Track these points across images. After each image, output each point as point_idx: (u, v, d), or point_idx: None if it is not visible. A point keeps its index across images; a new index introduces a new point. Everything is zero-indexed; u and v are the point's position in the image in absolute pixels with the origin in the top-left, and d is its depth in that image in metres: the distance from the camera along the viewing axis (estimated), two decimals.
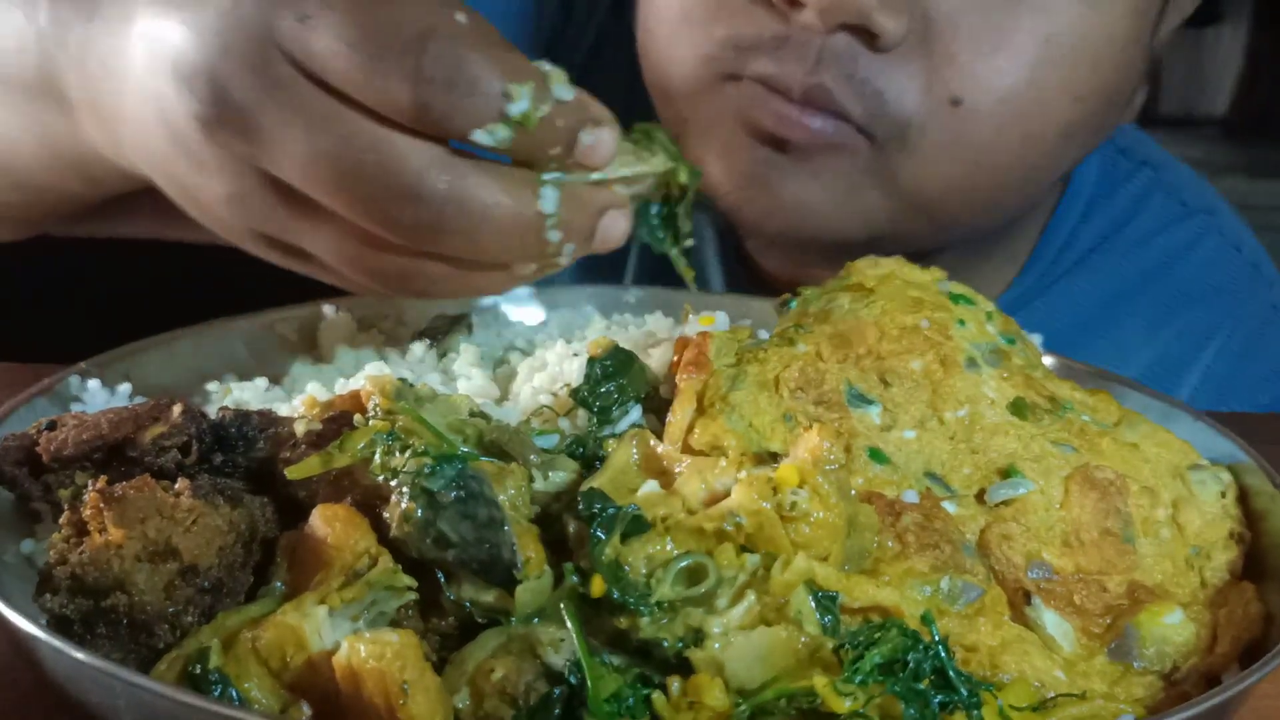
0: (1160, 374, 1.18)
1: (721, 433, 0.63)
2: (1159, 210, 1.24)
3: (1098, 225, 1.22)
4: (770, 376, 0.67)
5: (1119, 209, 1.23)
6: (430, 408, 0.61)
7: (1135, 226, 1.23)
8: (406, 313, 0.91)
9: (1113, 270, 1.22)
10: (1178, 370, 1.19)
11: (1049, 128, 0.98)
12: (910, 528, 0.61)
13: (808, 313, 0.74)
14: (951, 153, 0.96)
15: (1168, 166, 1.28)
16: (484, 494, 0.56)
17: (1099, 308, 1.21)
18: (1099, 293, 1.21)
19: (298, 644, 0.53)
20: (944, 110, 0.95)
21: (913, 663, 0.54)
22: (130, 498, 0.57)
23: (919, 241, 1.04)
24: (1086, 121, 1.00)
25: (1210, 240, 1.24)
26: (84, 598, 0.55)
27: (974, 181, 0.99)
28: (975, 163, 0.97)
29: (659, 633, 0.54)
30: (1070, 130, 0.99)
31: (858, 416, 0.66)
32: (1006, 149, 0.97)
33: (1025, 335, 0.76)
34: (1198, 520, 0.68)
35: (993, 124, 0.96)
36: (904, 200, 1.00)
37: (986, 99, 0.95)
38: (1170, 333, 1.20)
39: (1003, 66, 0.94)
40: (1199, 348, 1.20)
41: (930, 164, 0.97)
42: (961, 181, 0.99)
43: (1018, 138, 0.97)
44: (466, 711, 0.52)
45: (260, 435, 0.63)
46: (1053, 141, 0.99)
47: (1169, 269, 1.22)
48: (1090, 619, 0.63)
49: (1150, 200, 1.24)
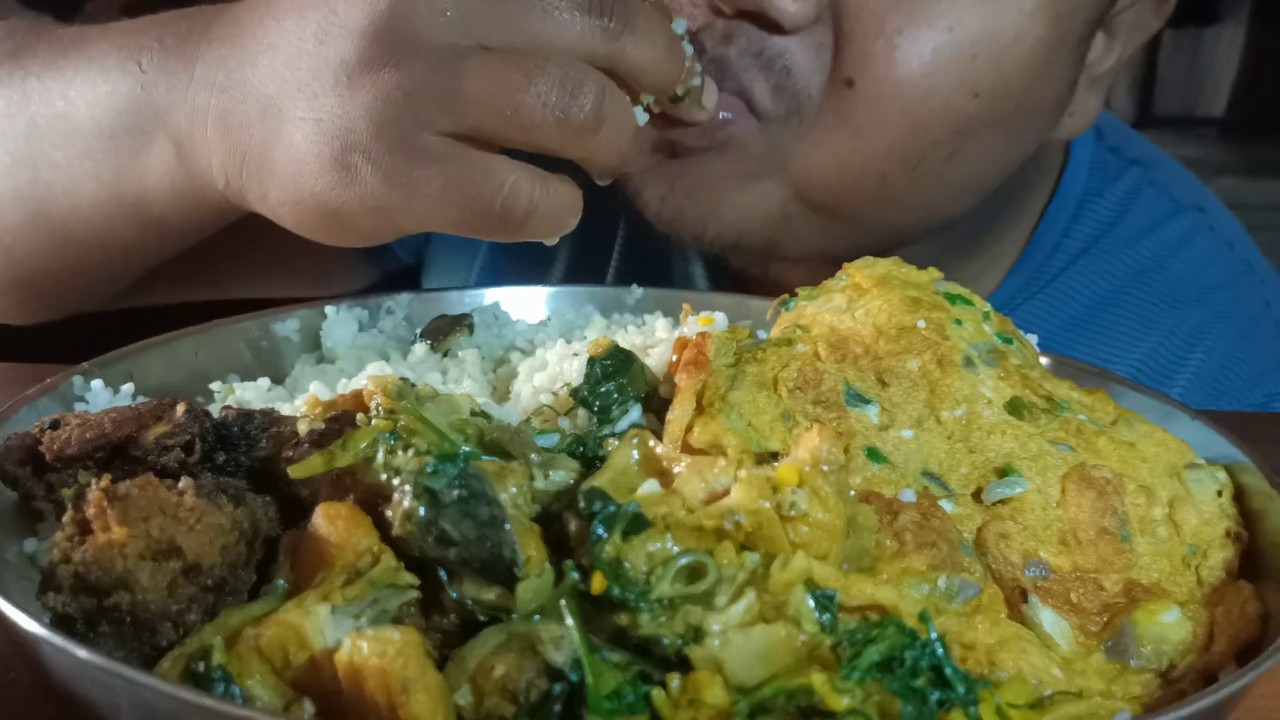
0: (1151, 373, 1.19)
1: (721, 432, 0.63)
2: (1149, 208, 1.24)
3: (1088, 225, 1.22)
4: (769, 376, 0.67)
5: (1109, 208, 1.23)
6: (432, 407, 0.61)
7: (1126, 225, 1.23)
8: (410, 312, 0.92)
9: (1104, 269, 1.21)
10: (1168, 369, 1.19)
11: (938, 119, 0.96)
12: (908, 526, 0.61)
13: (805, 313, 0.74)
14: (835, 134, 0.96)
15: (1158, 164, 1.28)
16: (485, 493, 0.56)
17: (1089, 307, 1.21)
18: (1090, 292, 1.21)
19: (300, 642, 0.53)
20: (838, 90, 0.95)
21: (910, 660, 0.54)
22: (133, 496, 0.57)
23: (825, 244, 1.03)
24: (988, 120, 0.98)
25: (1201, 238, 1.24)
26: (87, 596, 0.55)
27: (854, 166, 0.98)
28: (855, 148, 0.96)
29: (659, 630, 0.54)
30: (966, 127, 0.97)
31: (855, 416, 0.66)
32: (887, 134, 0.96)
33: (1022, 335, 0.76)
34: (1194, 519, 0.68)
35: (877, 108, 0.95)
36: (790, 189, 0.99)
37: (876, 82, 0.94)
38: (1161, 331, 1.20)
39: (898, 52, 0.93)
40: (1190, 346, 1.20)
41: (816, 146, 0.97)
42: (843, 165, 0.98)
43: (905, 124, 0.96)
44: (468, 708, 0.53)
45: (263, 434, 0.64)
46: (940, 134, 0.97)
47: (1160, 267, 1.22)
48: (1087, 617, 0.63)
49: (1140, 198, 1.24)
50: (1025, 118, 1.01)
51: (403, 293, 0.94)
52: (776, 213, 1.01)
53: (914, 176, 0.99)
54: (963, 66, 0.94)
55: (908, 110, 0.95)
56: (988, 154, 1.02)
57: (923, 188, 1.01)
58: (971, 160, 1.01)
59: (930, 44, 0.93)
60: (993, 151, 1.03)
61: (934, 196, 1.04)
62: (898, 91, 0.94)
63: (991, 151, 1.02)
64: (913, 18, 0.93)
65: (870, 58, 0.93)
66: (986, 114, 0.97)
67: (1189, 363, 1.19)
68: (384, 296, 0.93)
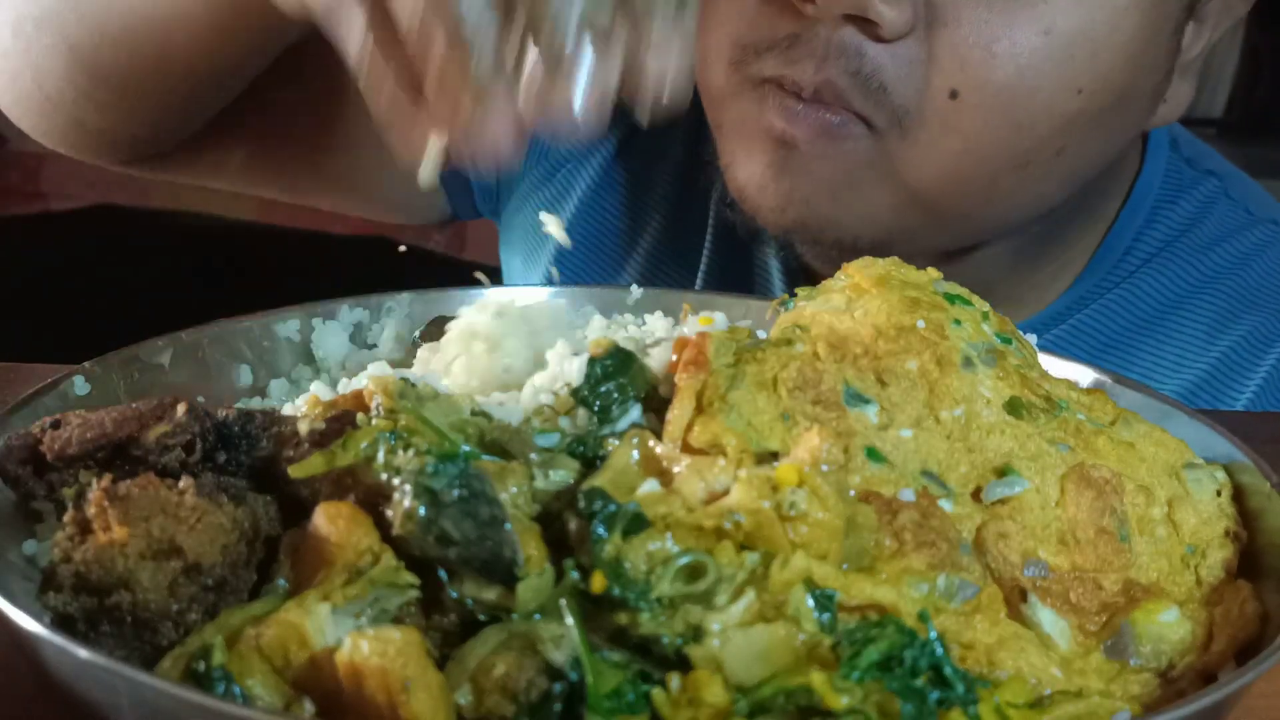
0: (1221, 378, 1.18)
1: (721, 432, 0.63)
2: (1223, 218, 1.24)
3: (1160, 231, 1.22)
4: (769, 376, 0.67)
5: (1183, 215, 1.23)
6: (432, 407, 0.61)
7: (1199, 232, 1.22)
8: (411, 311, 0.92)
9: (1175, 274, 1.21)
10: (1239, 374, 1.19)
11: (1042, 118, 0.98)
12: (907, 526, 0.61)
13: (805, 313, 0.74)
14: (943, 142, 0.97)
15: (1233, 177, 1.28)
16: (486, 492, 0.56)
17: (1160, 310, 1.21)
18: (1160, 296, 1.21)
19: (300, 641, 0.53)
20: (941, 100, 0.96)
21: (909, 660, 0.54)
22: (134, 496, 0.57)
23: (933, 241, 1.06)
24: (1092, 114, 1.00)
25: (1276, 248, 1.24)
26: (88, 596, 0.55)
27: (964, 171, 1.00)
28: (964, 151, 0.98)
29: (659, 629, 0.54)
30: (1072, 123, 0.99)
31: (855, 416, 0.66)
32: (994, 138, 0.98)
33: (1021, 335, 0.76)
34: (1193, 519, 0.68)
35: (981, 113, 0.96)
36: (904, 193, 1.01)
37: (978, 90, 0.95)
38: (1232, 337, 1.20)
39: (998, 58, 0.95)
40: (1261, 353, 1.19)
41: (925, 154, 0.98)
42: (954, 171, 0.99)
43: (1008, 126, 0.97)
44: (468, 708, 0.53)
45: (263, 434, 0.64)
46: (1047, 132, 0.99)
47: (1232, 274, 1.22)
48: (1086, 616, 0.63)
49: (1215, 207, 1.24)
50: (1127, 108, 1.03)
51: (403, 293, 0.94)
52: (890, 215, 1.03)
53: (1023, 175, 1.01)
54: (1061, 66, 0.96)
55: (1012, 114, 0.97)
56: (1093, 145, 1.05)
57: (1031, 184, 1.03)
58: (1078, 154, 1.03)
59: (1027, 48, 0.95)
60: (1098, 143, 1.05)
61: (1041, 190, 1.06)
62: (1000, 97, 0.96)
63: (1096, 143, 1.05)
64: (1007, 25, 0.94)
65: (970, 67, 0.95)
66: (1090, 108, 0.99)
67: (1260, 368, 1.19)
68: (384, 296, 0.93)
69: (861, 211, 1.02)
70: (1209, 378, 1.18)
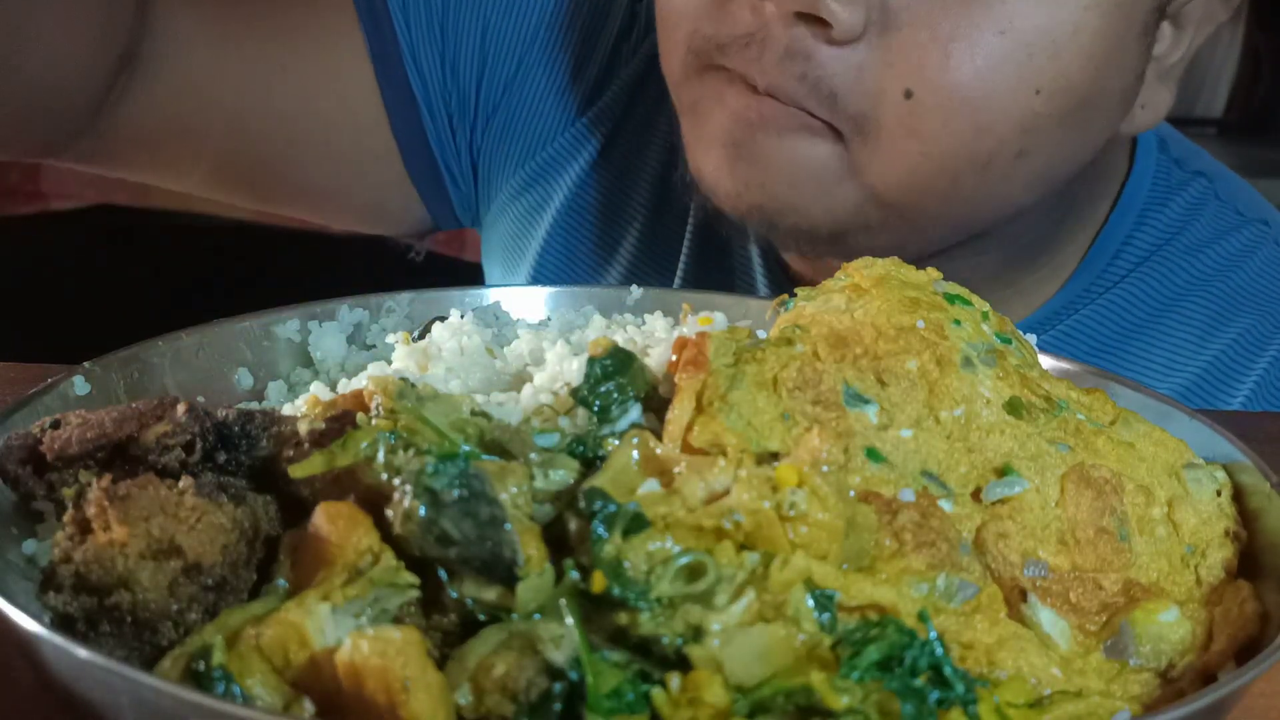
0: (1214, 381, 1.18)
1: (720, 432, 0.63)
2: (1213, 219, 1.23)
3: (1151, 233, 1.21)
4: (768, 376, 0.67)
5: (1172, 217, 1.22)
6: (432, 407, 0.61)
7: (1189, 234, 1.22)
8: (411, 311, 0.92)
9: (1166, 277, 1.21)
10: (1231, 377, 1.19)
11: (1001, 119, 0.97)
12: (907, 526, 0.61)
13: (805, 313, 0.74)
14: (902, 144, 0.97)
15: (1222, 177, 1.27)
16: (486, 492, 0.56)
17: (1151, 314, 1.20)
18: (1151, 299, 1.20)
19: (300, 641, 0.53)
20: (898, 102, 0.95)
21: (909, 660, 0.54)
22: (134, 496, 0.57)
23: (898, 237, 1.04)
24: (1055, 115, 0.98)
25: (1266, 249, 1.23)
26: (87, 596, 0.55)
27: (925, 172, 0.99)
28: (923, 154, 0.97)
29: (659, 629, 0.54)
30: (1033, 124, 0.98)
31: (855, 416, 0.66)
32: (954, 140, 0.97)
33: (1021, 335, 0.76)
34: (1193, 518, 0.68)
35: (940, 115, 0.95)
36: (865, 191, 1.00)
37: (935, 91, 0.95)
38: (1224, 340, 1.19)
39: (954, 58, 0.94)
40: (1254, 356, 1.19)
41: (886, 157, 0.98)
42: (914, 173, 0.98)
43: (970, 128, 0.96)
44: (468, 708, 0.53)
45: (263, 434, 0.64)
46: (1007, 133, 0.98)
47: (1223, 276, 1.21)
48: (1086, 616, 0.63)
49: (1204, 209, 1.23)
50: (1093, 110, 1.02)
51: (403, 293, 0.93)
52: (850, 210, 1.02)
53: (985, 176, 1.00)
54: (1020, 66, 0.95)
55: (970, 114, 0.96)
56: (1058, 147, 1.03)
57: (994, 185, 1.02)
58: (1041, 154, 1.02)
59: (983, 48, 0.94)
60: (1063, 145, 1.03)
61: (1006, 191, 1.04)
62: (957, 98, 0.95)
63: (1062, 145, 1.03)
64: (963, 24, 0.93)
65: (926, 68, 0.94)
66: (1052, 110, 0.98)
67: (1253, 371, 1.19)
68: (384, 296, 0.93)
69: (820, 202, 1.01)
70: (1201, 381, 1.18)
